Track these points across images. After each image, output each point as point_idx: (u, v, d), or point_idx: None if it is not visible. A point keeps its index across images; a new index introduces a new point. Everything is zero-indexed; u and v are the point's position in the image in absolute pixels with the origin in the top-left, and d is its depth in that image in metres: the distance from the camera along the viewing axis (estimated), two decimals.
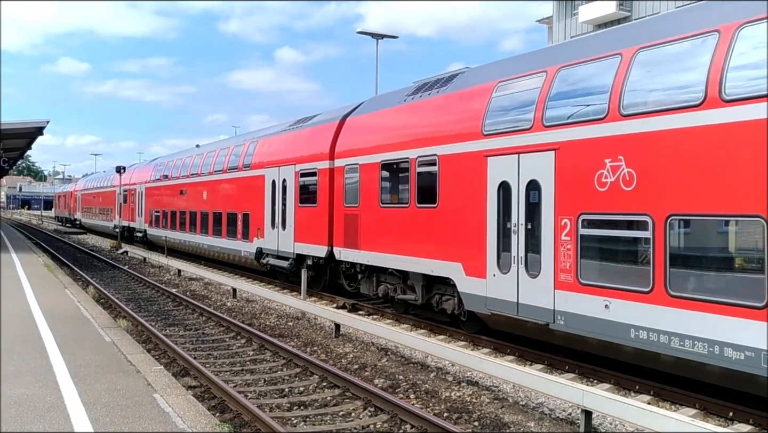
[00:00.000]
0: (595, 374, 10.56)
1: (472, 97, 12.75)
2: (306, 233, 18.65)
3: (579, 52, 10.88)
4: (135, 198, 39.12)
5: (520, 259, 11.09)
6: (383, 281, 15.66)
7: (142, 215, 37.46)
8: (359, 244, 15.92)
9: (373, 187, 15.48)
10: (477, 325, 12.96)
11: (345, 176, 16.74)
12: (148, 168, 38.45)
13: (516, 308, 11.16)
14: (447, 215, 12.92)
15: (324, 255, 17.60)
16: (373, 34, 31.95)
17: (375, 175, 15.46)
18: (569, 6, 44.27)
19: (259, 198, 21.78)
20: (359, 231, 15.90)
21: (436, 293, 13.81)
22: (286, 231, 19.80)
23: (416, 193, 13.92)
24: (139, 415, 7.03)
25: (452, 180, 12.86)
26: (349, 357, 12.06)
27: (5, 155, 31.74)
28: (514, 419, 8.74)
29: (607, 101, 9.76)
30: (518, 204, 11.21)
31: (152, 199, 35.82)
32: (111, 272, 25.99)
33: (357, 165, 16.21)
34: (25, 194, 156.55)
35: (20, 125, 25.62)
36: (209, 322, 15.52)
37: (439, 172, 13.16)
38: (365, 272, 16.20)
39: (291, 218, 19.51)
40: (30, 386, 7.97)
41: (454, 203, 12.75)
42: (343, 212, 16.76)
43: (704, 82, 8.51)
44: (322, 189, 17.87)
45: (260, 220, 21.63)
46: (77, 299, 15.26)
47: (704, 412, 8.91)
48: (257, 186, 21.99)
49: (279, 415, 8.64)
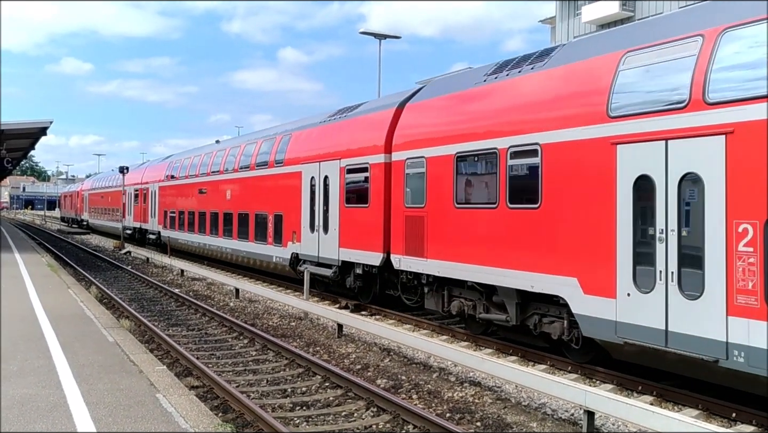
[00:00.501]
0: (598, 375, 10.54)
1: (589, 71, 10.40)
2: (354, 238, 16.33)
3: (754, 8, 8.37)
4: (147, 198, 36.87)
5: (671, 275, 8.69)
6: (457, 296, 13.20)
7: (156, 216, 35.31)
8: (425, 251, 13.54)
9: (446, 184, 13.01)
10: (590, 354, 10.72)
11: (406, 172, 14.31)
12: (162, 166, 36.01)
13: (664, 337, 8.77)
14: (554, 219, 10.51)
15: (378, 263, 15.28)
16: (376, 35, 31.98)
17: (448, 170, 12.96)
18: (572, 6, 44.22)
19: (294, 198, 19.51)
20: (426, 236, 13.54)
21: (534, 313, 11.39)
22: (328, 235, 17.48)
23: (507, 192, 11.46)
24: (141, 415, 7.04)
25: (562, 174, 10.40)
26: (352, 357, 12.06)
27: (8, 155, 31.77)
28: (516, 419, 8.73)
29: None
30: (666, 204, 8.81)
31: (167, 199, 33.50)
32: (114, 272, 26.03)
33: (422, 158, 13.78)
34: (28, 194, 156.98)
35: (24, 125, 25.68)
36: (212, 322, 15.53)
37: (542, 164, 10.71)
38: (433, 285, 13.68)
39: (335, 220, 17.19)
40: (33, 386, 7.98)
41: (565, 203, 10.32)
42: (403, 214, 14.36)
43: None
44: (375, 187, 15.53)
45: (296, 222, 19.34)
46: (80, 299, 15.29)
47: (707, 413, 8.89)
48: (292, 184, 19.73)
49: (281, 415, 8.64)
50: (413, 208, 14.05)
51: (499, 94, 12.14)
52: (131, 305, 17.22)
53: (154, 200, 35.45)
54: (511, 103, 11.76)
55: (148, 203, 36.58)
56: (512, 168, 11.45)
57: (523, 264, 11.11)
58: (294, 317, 16.24)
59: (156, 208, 35.20)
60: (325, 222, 17.75)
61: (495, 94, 12.29)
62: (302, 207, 18.99)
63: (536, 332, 11.38)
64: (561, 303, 10.47)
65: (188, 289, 21.50)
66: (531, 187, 11.01)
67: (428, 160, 13.62)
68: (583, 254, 9.97)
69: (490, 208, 11.90)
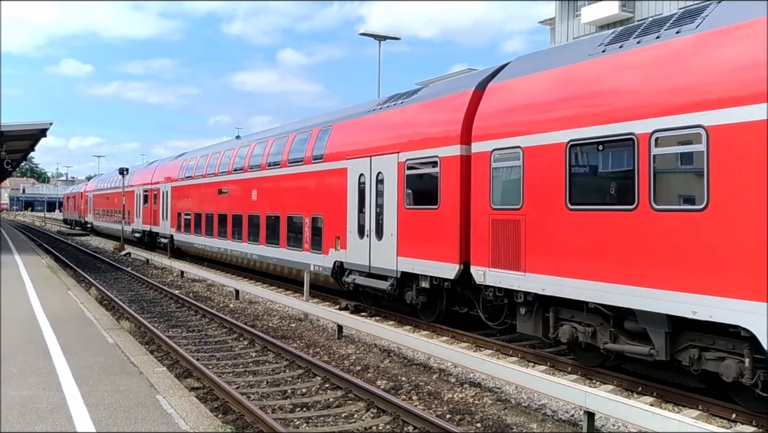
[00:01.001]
0: (598, 376, 10.54)
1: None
2: (418, 245, 13.95)
3: None
4: (158, 199, 34.32)
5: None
6: (568, 320, 10.74)
7: (168, 219, 32.76)
8: (523, 263, 11.07)
9: (554, 179, 10.54)
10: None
11: (493, 165, 11.85)
12: (175, 164, 33.46)
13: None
14: (731, 224, 8.09)
15: (453, 276, 12.83)
16: (375, 36, 32.02)
17: (556, 163, 10.49)
18: (572, 7, 44.26)
19: (337, 198, 17.17)
20: (524, 244, 11.07)
21: (691, 345, 8.93)
22: (383, 241, 15.16)
23: (652, 189, 9.05)
24: (141, 416, 7.04)
25: (744, 164, 8.01)
26: (352, 359, 12.06)
27: (8, 157, 31.79)
28: (516, 420, 8.73)
29: None
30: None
31: (181, 200, 30.99)
32: (114, 273, 26.03)
33: (518, 149, 11.27)
34: (28, 196, 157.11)
35: (23, 127, 25.70)
36: (212, 323, 15.53)
37: (709, 152, 8.32)
38: (532, 305, 11.23)
39: (392, 223, 14.84)
40: (33, 388, 7.98)
41: (753, 203, 7.90)
42: (488, 217, 11.84)
43: None
44: (448, 184, 13.15)
45: (340, 226, 17.01)
46: (80, 301, 15.29)
47: (707, 414, 8.89)
48: (335, 182, 17.37)
49: (281, 416, 8.64)
50: (505, 210, 11.55)
51: (638, 67, 9.62)
52: (131, 307, 17.22)
53: (166, 201, 33.09)
54: (655, 78, 9.27)
55: (159, 205, 34.26)
56: (659, 159, 9.07)
57: (680, 282, 8.63)
58: (294, 319, 16.24)
59: (168, 210, 32.84)
60: (378, 226, 15.46)
61: (625, 66, 9.84)
62: (348, 208, 16.69)
63: (694, 369, 8.87)
64: (741, 336, 8.10)
65: (188, 290, 21.50)
66: (690, 182, 8.78)
67: (526, 150, 11.14)
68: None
69: (625, 210, 9.43)
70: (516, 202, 11.34)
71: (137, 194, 38.42)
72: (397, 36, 33.63)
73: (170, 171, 33.45)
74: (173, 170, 32.96)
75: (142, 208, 37.41)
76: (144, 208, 37.16)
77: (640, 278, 9.12)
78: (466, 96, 13.22)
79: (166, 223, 33.19)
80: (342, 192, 16.96)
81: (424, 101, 14.81)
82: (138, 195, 38.25)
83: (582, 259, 10.01)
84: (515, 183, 11.38)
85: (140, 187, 37.90)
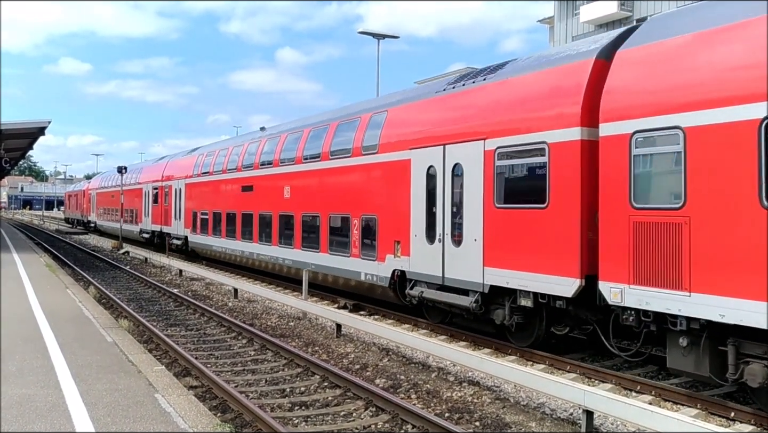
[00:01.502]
0: (597, 375, 10.55)
1: None
2: (516, 253, 11.33)
3: None
4: (170, 197, 31.97)
5: None
6: (757, 357, 8.19)
7: (181, 218, 30.29)
8: (686, 280, 8.58)
9: (745, 167, 8.01)
10: None
11: (633, 152, 9.30)
12: (190, 159, 30.80)
13: None
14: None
15: (570, 293, 10.29)
16: (374, 35, 32.01)
17: (747, 146, 7.98)
18: (570, 6, 44.27)
19: (397, 194, 14.54)
20: (688, 256, 8.57)
21: None
22: (462, 248, 12.48)
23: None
24: (140, 415, 7.03)
25: None
26: (351, 357, 12.06)
27: (7, 155, 31.80)
28: (515, 419, 8.73)
29: None
30: None
31: (197, 198, 28.48)
32: (112, 272, 26.01)
33: (676, 129, 8.78)
34: (26, 194, 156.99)
35: (22, 125, 25.66)
36: (210, 322, 15.52)
37: None
38: (699, 335, 8.70)
39: (476, 226, 12.13)
40: (32, 386, 7.97)
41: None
42: (627, 219, 9.30)
43: None
44: (562, 177, 10.53)
45: (401, 227, 14.38)
46: (79, 299, 15.27)
47: (706, 412, 8.89)
48: (394, 177, 14.71)
49: (280, 415, 8.64)
50: (654, 210, 9.05)
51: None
52: (130, 305, 17.20)
53: (179, 200, 30.69)
54: None
55: (171, 203, 31.85)
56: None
57: None
58: (292, 317, 16.23)
59: (181, 209, 30.36)
60: (454, 229, 12.87)
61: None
62: (412, 207, 14.09)
63: None
64: None
65: (187, 289, 21.48)
66: None
67: (690, 132, 8.65)
68: None
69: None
70: (675, 199, 8.80)
71: (146, 192, 36.18)
72: (395, 35, 33.64)
73: (184, 167, 31.02)
74: (187, 166, 30.51)
75: (152, 207, 35.14)
76: (154, 207, 34.84)
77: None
78: (585, 66, 10.65)
79: (179, 223, 30.81)
80: (404, 188, 14.35)
81: (520, 75, 12.14)
82: (147, 193, 35.97)
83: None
84: (675, 174, 8.86)
85: (149, 184, 35.62)
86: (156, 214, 34.41)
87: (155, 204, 34.46)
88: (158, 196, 34.00)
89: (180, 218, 30.54)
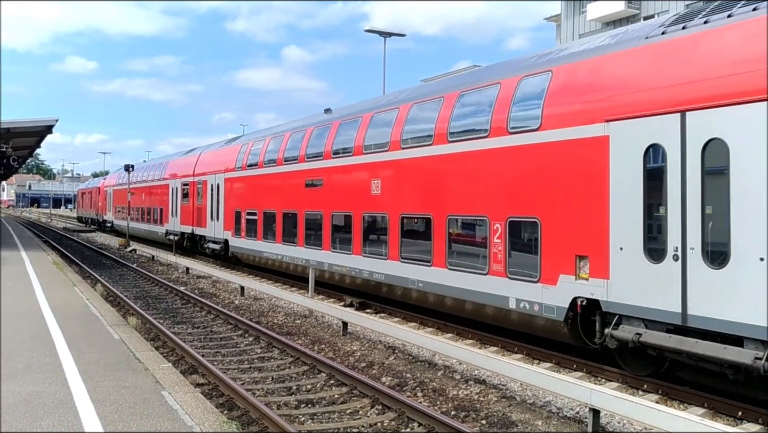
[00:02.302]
0: (603, 373, 10.53)
1: None
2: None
3: None
4: (205, 194, 28.25)
5: None
6: None
7: (219, 219, 26.42)
8: None
9: None
10: None
11: None
12: (231, 150, 26.72)
13: None
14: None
15: None
16: (381, 33, 31.97)
17: None
18: (577, 4, 44.12)
19: (578, 189, 10.32)
20: None
21: None
22: (727, 270, 8.32)
23: None
24: (147, 412, 7.06)
25: None
26: (357, 355, 12.07)
27: (15, 154, 31.93)
28: (521, 417, 8.72)
29: None
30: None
31: (242, 196, 24.48)
32: (119, 270, 26.10)
33: None
34: (34, 193, 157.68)
35: (30, 124, 25.76)
36: (217, 320, 15.56)
37: None
38: None
39: (760, 236, 7.96)
40: (40, 383, 8.02)
41: None
42: None
43: None
44: None
45: (586, 237, 10.19)
46: (86, 297, 15.34)
47: (713, 411, 8.87)
48: (574, 163, 10.43)
49: (286, 413, 8.65)
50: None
51: None
52: (137, 303, 17.26)
53: (217, 197, 26.86)
54: None
55: (206, 201, 28.16)
56: None
57: None
58: (299, 315, 16.26)
59: (220, 209, 26.60)
60: (706, 241, 8.65)
61: None
62: (612, 209, 9.85)
63: None
64: None
65: (193, 287, 21.54)
66: None
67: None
68: None
69: None
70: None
71: (173, 189, 32.54)
72: (402, 33, 33.59)
73: (224, 158, 26.97)
74: (228, 157, 26.49)
75: (181, 205, 31.48)
76: (183, 205, 31.14)
77: None
78: None
79: (216, 224, 26.91)
80: (591, 179, 10.22)
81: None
82: (174, 190, 32.28)
83: None
84: None
85: (177, 180, 31.91)
86: (186, 213, 30.89)
87: (185, 202, 31.06)
88: (189, 194, 30.42)
89: (217, 218, 26.75)
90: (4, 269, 20.28)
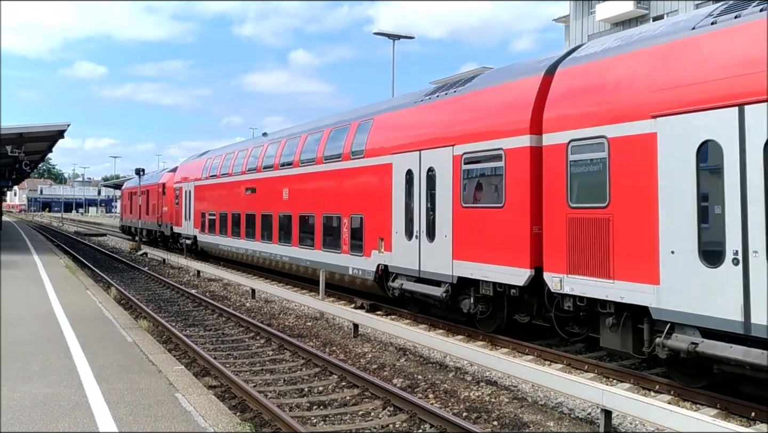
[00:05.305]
0: (615, 374, 10.51)
1: None
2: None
3: None
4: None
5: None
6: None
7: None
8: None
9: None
10: None
11: None
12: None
13: None
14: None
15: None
16: (390, 35, 32.04)
17: None
18: (586, 4, 44.01)
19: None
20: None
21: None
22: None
23: None
24: (161, 414, 7.12)
25: None
26: (368, 357, 12.10)
27: (27, 158, 32.19)
28: (533, 418, 8.73)
29: None
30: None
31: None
32: (131, 273, 26.25)
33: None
34: (45, 197, 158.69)
35: (42, 128, 25.97)
36: (229, 322, 15.63)
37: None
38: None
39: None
40: (55, 385, 8.09)
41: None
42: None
43: None
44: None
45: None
46: (99, 300, 15.44)
47: (726, 412, 8.83)
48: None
49: (299, 414, 8.70)
50: None
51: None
52: (149, 306, 17.37)
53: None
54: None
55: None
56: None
57: None
58: (310, 317, 16.30)
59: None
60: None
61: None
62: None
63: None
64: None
65: (205, 289, 21.64)
66: None
67: None
68: None
69: None
70: None
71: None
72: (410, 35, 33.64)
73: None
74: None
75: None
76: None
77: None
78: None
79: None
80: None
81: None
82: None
83: None
84: None
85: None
86: None
87: None
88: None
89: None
90: (18, 272, 20.46)
